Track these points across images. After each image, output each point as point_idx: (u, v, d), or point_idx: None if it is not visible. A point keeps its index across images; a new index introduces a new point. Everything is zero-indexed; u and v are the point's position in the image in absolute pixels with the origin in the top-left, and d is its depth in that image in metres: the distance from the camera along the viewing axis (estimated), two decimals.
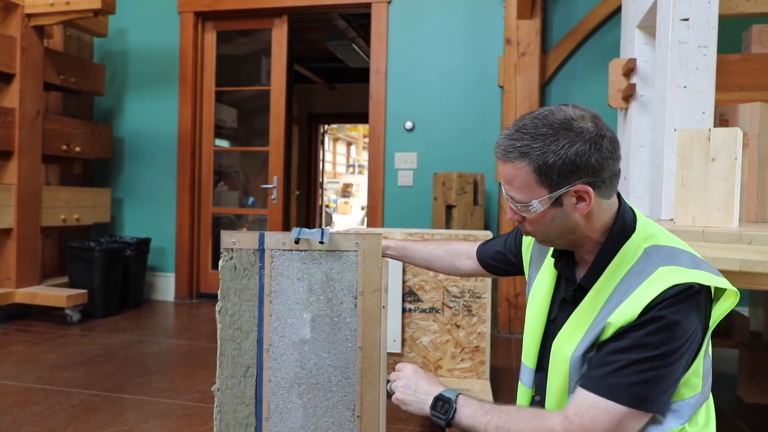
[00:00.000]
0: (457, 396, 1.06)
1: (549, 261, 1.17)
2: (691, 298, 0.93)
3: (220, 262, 1.42)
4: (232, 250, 1.42)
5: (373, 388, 1.34)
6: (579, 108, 1.01)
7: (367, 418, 1.35)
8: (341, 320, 1.36)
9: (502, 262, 1.41)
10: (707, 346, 1.00)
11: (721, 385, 2.77)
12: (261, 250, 1.40)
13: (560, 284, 1.15)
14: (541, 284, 1.18)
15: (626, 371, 0.93)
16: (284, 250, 1.39)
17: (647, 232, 1.04)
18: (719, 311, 0.99)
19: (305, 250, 1.38)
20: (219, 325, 1.42)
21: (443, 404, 1.06)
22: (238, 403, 1.43)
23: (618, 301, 0.98)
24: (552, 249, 1.17)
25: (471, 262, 1.47)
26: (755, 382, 2.57)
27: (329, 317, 1.37)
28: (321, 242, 1.34)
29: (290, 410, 1.39)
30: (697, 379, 0.99)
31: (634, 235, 1.04)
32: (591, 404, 0.95)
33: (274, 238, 1.38)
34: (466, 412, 1.03)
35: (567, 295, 1.11)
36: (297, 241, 1.36)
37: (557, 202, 1.00)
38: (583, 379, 0.99)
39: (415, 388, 1.11)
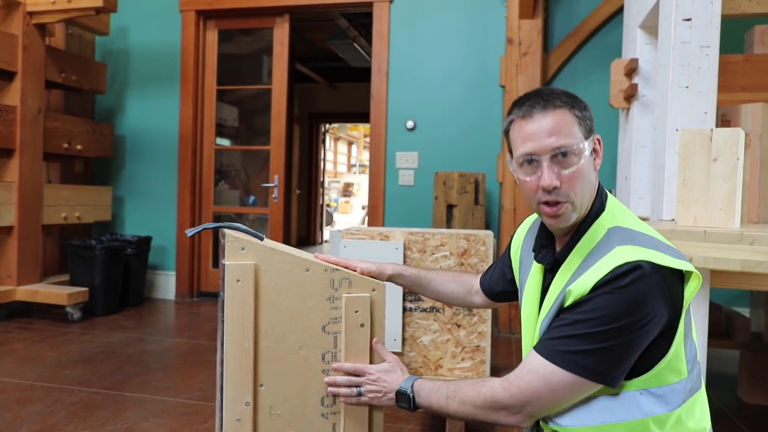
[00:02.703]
0: (413, 384, 1.16)
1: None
2: (643, 277, 0.93)
3: None
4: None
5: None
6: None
7: None
8: None
9: (505, 285, 1.39)
10: (685, 330, 1.00)
11: (721, 386, 2.77)
12: None
13: (546, 278, 1.17)
14: (531, 282, 1.19)
15: (570, 341, 0.97)
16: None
17: (612, 214, 1.07)
18: (686, 294, 0.99)
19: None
20: None
21: (404, 396, 1.16)
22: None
23: (578, 276, 1.00)
24: (533, 245, 1.18)
25: (480, 297, 1.46)
26: (756, 383, 2.57)
27: None
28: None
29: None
30: (680, 363, 0.99)
31: (602, 215, 1.06)
32: (531, 368, 1.00)
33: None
34: (421, 395, 1.14)
35: (547, 282, 1.13)
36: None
37: (590, 151, 1.05)
38: (537, 343, 1.04)
39: (384, 391, 1.19)
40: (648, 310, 0.93)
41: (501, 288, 1.40)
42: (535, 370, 0.99)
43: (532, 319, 1.16)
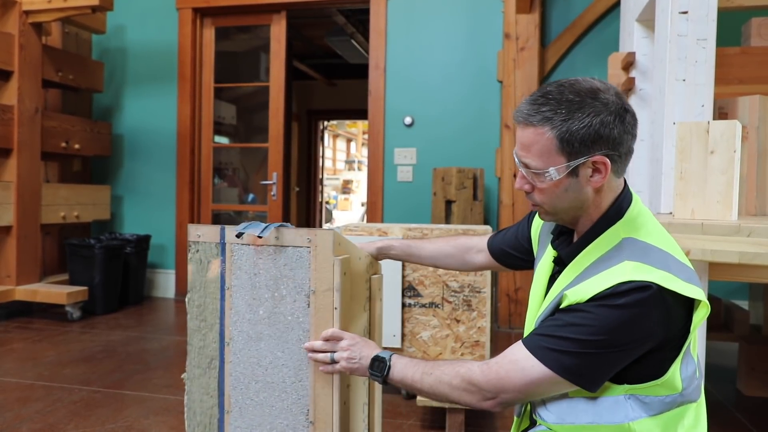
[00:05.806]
0: (391, 355, 1.16)
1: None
2: (643, 300, 0.91)
3: (188, 255, 1.42)
4: (197, 243, 1.41)
5: (327, 393, 1.27)
6: (604, 81, 1.01)
7: (320, 424, 1.27)
8: (294, 319, 1.30)
9: (516, 250, 1.37)
10: (687, 351, 0.99)
11: (720, 379, 2.78)
12: (222, 244, 1.39)
13: (555, 267, 1.16)
14: (543, 265, 1.18)
15: (556, 341, 0.96)
16: (242, 244, 1.35)
17: (633, 223, 1.03)
18: (694, 321, 0.97)
19: (261, 245, 1.33)
20: (188, 316, 1.43)
21: (379, 363, 1.15)
22: (203, 393, 1.43)
23: (580, 281, 0.99)
24: (553, 227, 1.17)
25: (482, 256, 1.44)
26: (755, 375, 2.58)
27: (283, 315, 1.32)
28: (259, 236, 1.29)
29: (249, 407, 1.37)
30: (675, 381, 0.98)
31: (619, 222, 1.03)
32: (513, 359, 1.00)
33: (234, 232, 1.35)
34: (397, 366, 1.13)
35: (554, 271, 1.12)
36: (239, 236, 1.32)
37: (573, 172, 0.99)
38: (525, 336, 1.04)
39: (359, 357, 1.18)
40: (639, 333, 0.93)
41: (510, 250, 1.38)
42: (517, 361, 0.99)
43: (536, 304, 1.16)
